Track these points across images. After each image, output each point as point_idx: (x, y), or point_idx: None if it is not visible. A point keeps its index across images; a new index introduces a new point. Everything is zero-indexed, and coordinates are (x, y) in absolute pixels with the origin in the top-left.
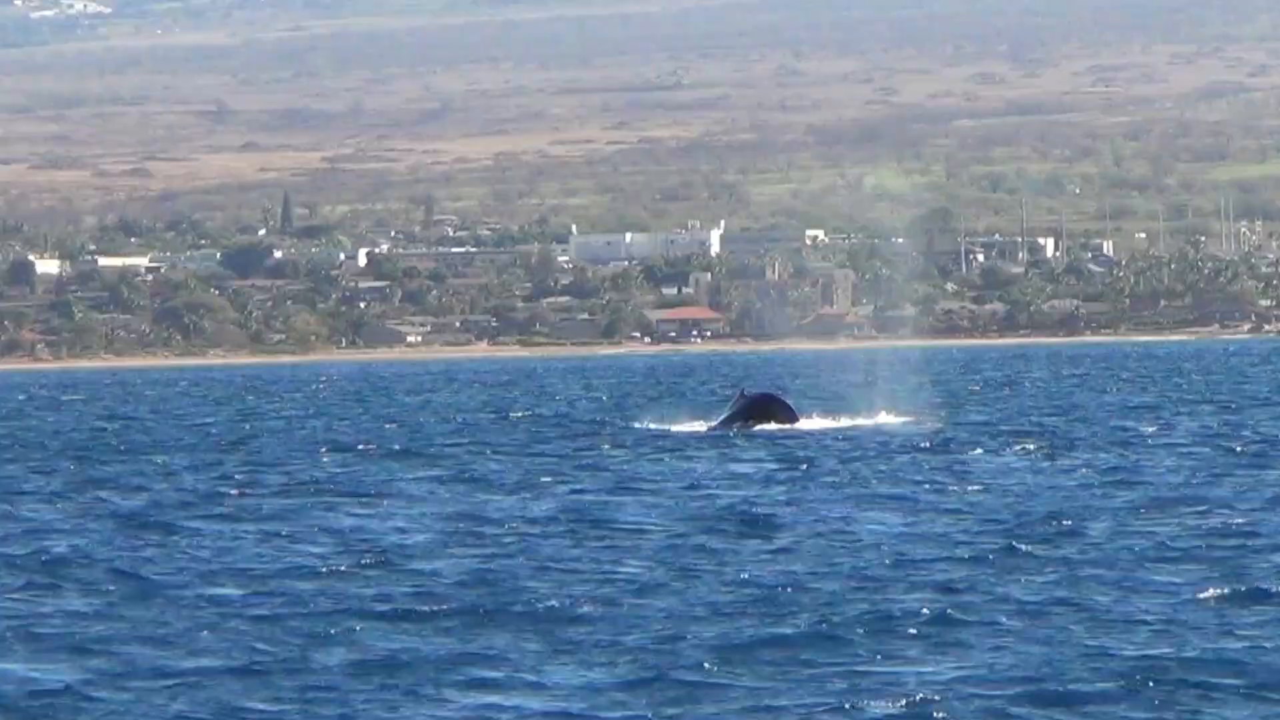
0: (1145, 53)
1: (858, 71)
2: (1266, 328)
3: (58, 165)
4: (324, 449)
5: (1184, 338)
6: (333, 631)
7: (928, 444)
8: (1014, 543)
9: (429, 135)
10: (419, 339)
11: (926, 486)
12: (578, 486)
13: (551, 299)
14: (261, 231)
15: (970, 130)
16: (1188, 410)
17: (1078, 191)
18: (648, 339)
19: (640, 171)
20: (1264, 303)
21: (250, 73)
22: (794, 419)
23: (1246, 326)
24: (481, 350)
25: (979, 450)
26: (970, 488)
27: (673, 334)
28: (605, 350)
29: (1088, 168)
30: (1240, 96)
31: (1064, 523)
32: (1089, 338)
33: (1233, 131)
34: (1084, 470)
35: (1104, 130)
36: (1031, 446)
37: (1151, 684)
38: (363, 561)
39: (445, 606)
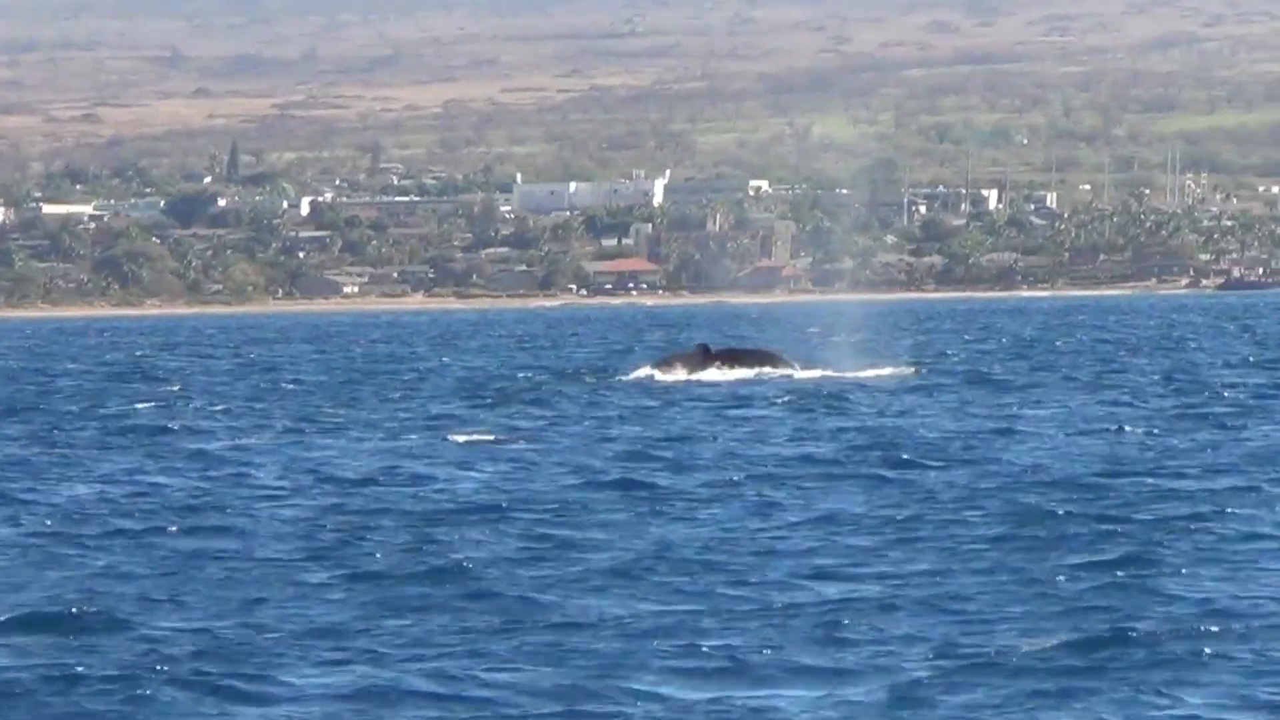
0: (1100, 2)
1: (811, 20)
2: (1204, 282)
3: (7, 110)
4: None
5: (1120, 292)
6: None
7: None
8: None
9: (380, 82)
10: (356, 290)
11: None
12: None
13: (490, 250)
14: (207, 179)
15: (920, 80)
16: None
17: (1024, 142)
18: (584, 291)
19: (589, 120)
20: (1204, 257)
21: (204, 18)
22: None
23: (1184, 281)
24: (417, 302)
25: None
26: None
27: (609, 286)
28: (540, 303)
29: (1036, 118)
30: (1194, 46)
31: None
32: (1024, 293)
33: (1184, 82)
34: None
35: (1055, 81)
36: None
37: None
38: None
39: None
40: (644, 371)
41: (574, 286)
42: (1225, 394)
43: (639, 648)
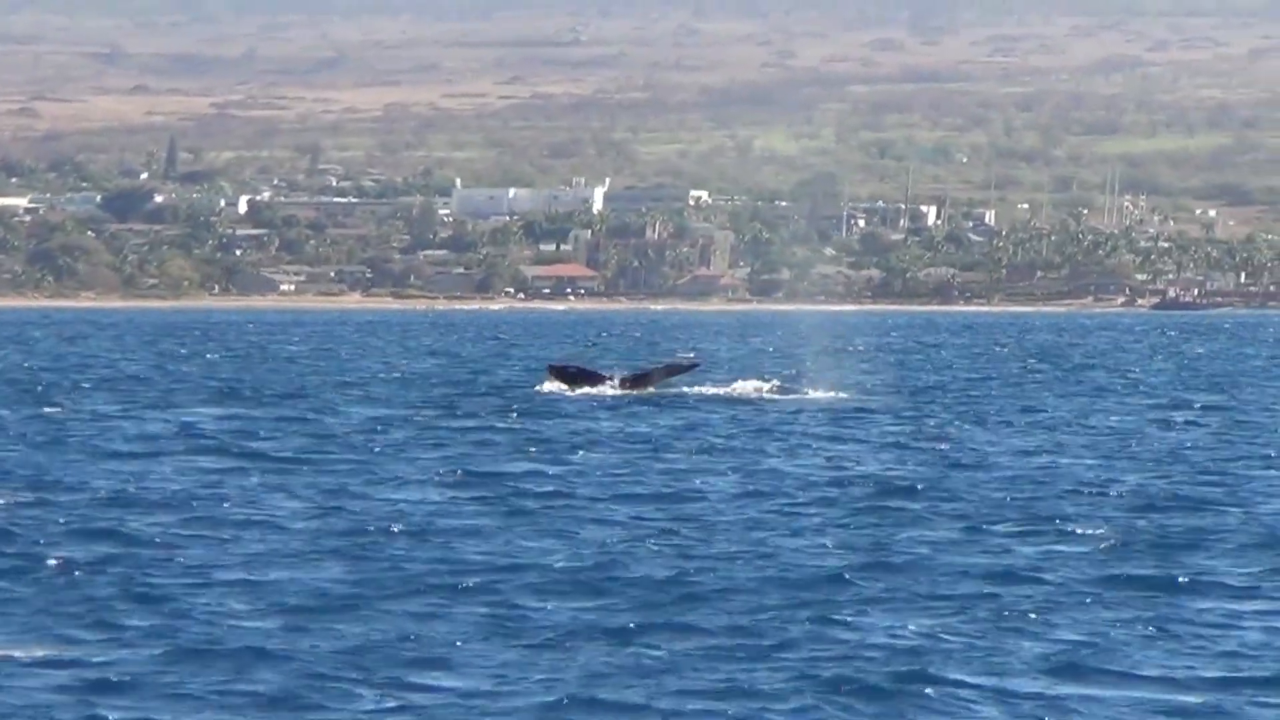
0: (1046, 24)
1: (757, 34)
2: (1140, 301)
3: None
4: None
5: (1056, 309)
6: None
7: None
8: None
9: (321, 84)
10: (292, 288)
11: None
12: None
13: (428, 252)
14: (144, 175)
15: (863, 96)
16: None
17: (965, 160)
18: (522, 295)
19: (530, 127)
20: (1140, 277)
21: (146, 15)
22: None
23: (1120, 300)
24: (354, 301)
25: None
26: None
27: (547, 290)
28: (476, 305)
29: (978, 137)
30: (1136, 70)
31: None
32: (961, 307)
33: (1126, 105)
34: None
35: (997, 100)
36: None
37: None
38: None
39: None
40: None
41: (511, 290)
42: None
43: None
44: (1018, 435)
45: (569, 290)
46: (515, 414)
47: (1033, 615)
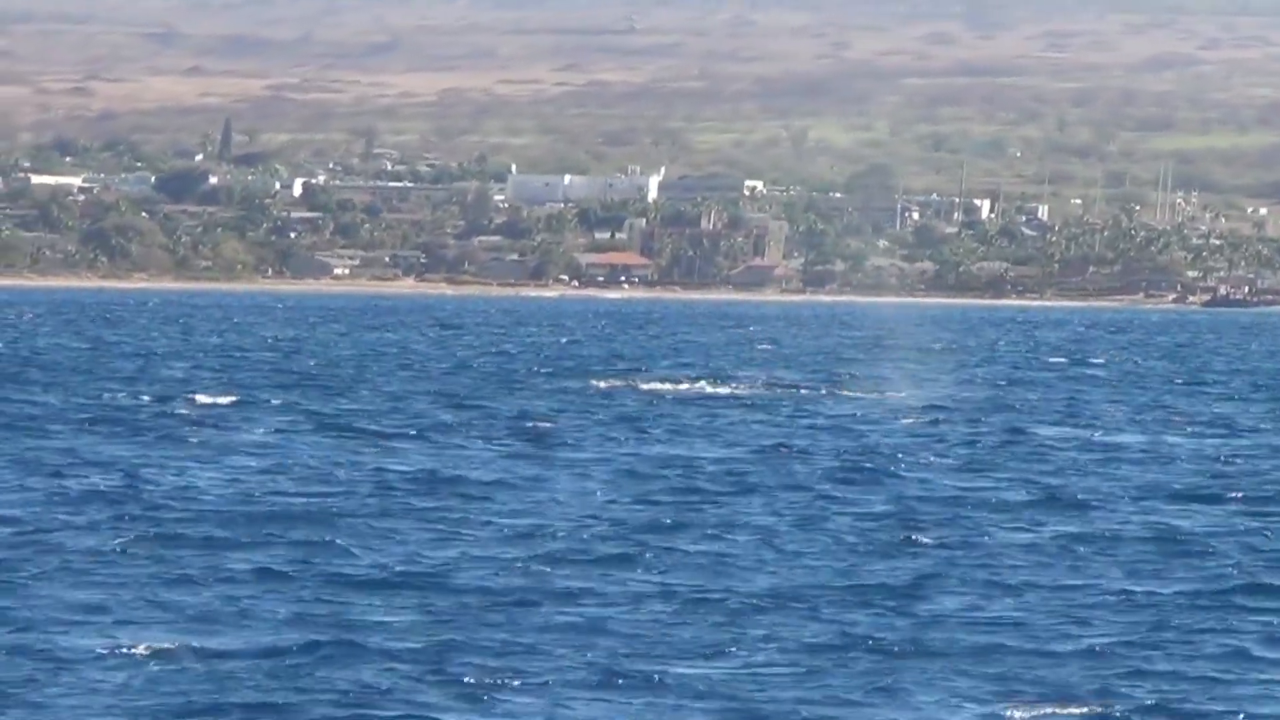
0: (1099, 20)
1: (812, 25)
2: (1191, 299)
3: None
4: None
5: (1108, 304)
6: None
7: None
8: None
9: (376, 68)
10: (346, 272)
11: None
12: None
13: (483, 238)
14: (199, 157)
15: (918, 89)
16: None
17: (1019, 155)
18: (575, 282)
19: (585, 114)
20: (1191, 274)
21: None
22: None
23: (1171, 296)
24: (408, 286)
25: None
26: None
27: (600, 278)
28: (531, 292)
29: (1031, 132)
30: (1189, 69)
31: None
32: (1014, 301)
33: (1178, 103)
34: None
35: (1051, 95)
36: None
37: None
38: None
39: None
40: None
41: (565, 277)
42: None
43: None
44: None
45: (623, 278)
46: None
47: None
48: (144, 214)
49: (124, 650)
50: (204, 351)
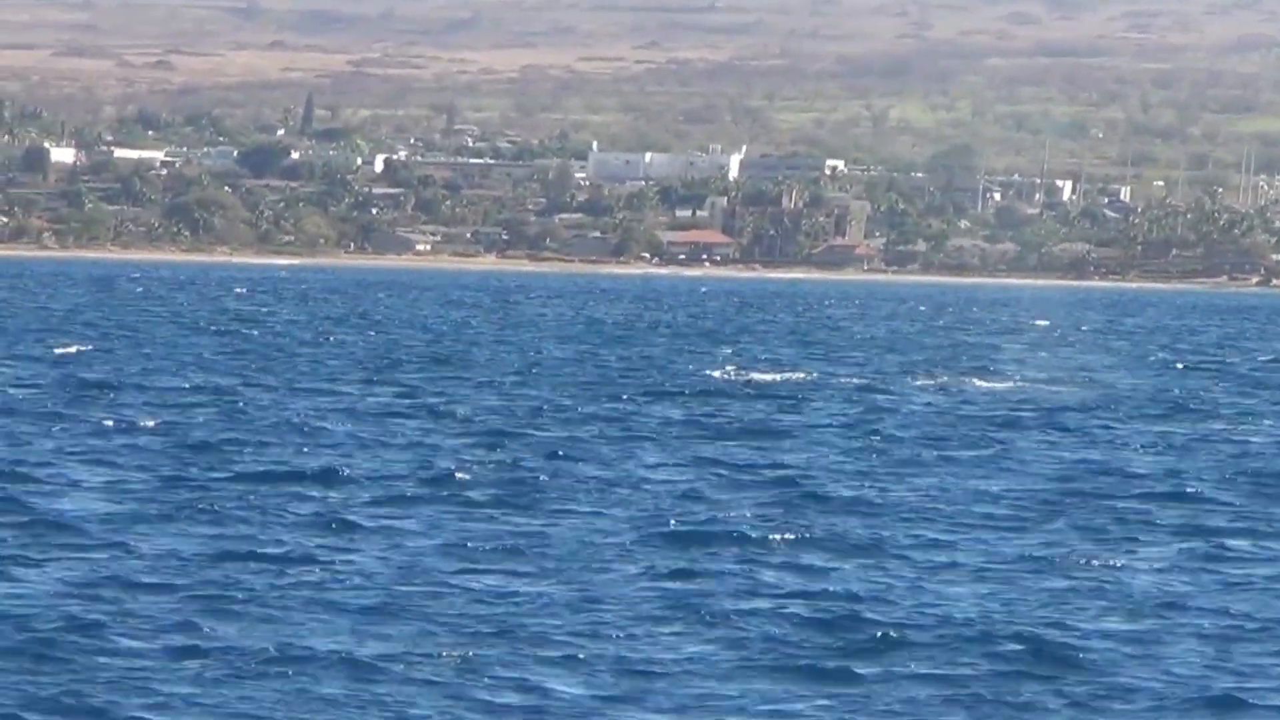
0: (1182, 1)
1: (893, 4)
2: (1275, 281)
3: (81, 53)
4: None
5: (1191, 287)
6: None
7: None
8: None
9: (457, 44)
10: (428, 247)
11: None
12: None
13: (564, 215)
14: (281, 131)
15: (1000, 69)
16: None
17: (1101, 136)
18: (656, 260)
19: (666, 92)
20: (1276, 257)
21: None
22: None
23: (1255, 279)
24: (489, 262)
25: None
26: None
27: (682, 256)
28: (612, 269)
29: (1114, 113)
30: (1273, 51)
31: None
32: (1097, 283)
33: (1262, 85)
34: None
35: (1133, 76)
36: None
37: None
38: None
39: None
40: None
41: (647, 255)
42: None
43: None
44: None
45: (704, 257)
46: None
47: None
48: (226, 188)
49: None
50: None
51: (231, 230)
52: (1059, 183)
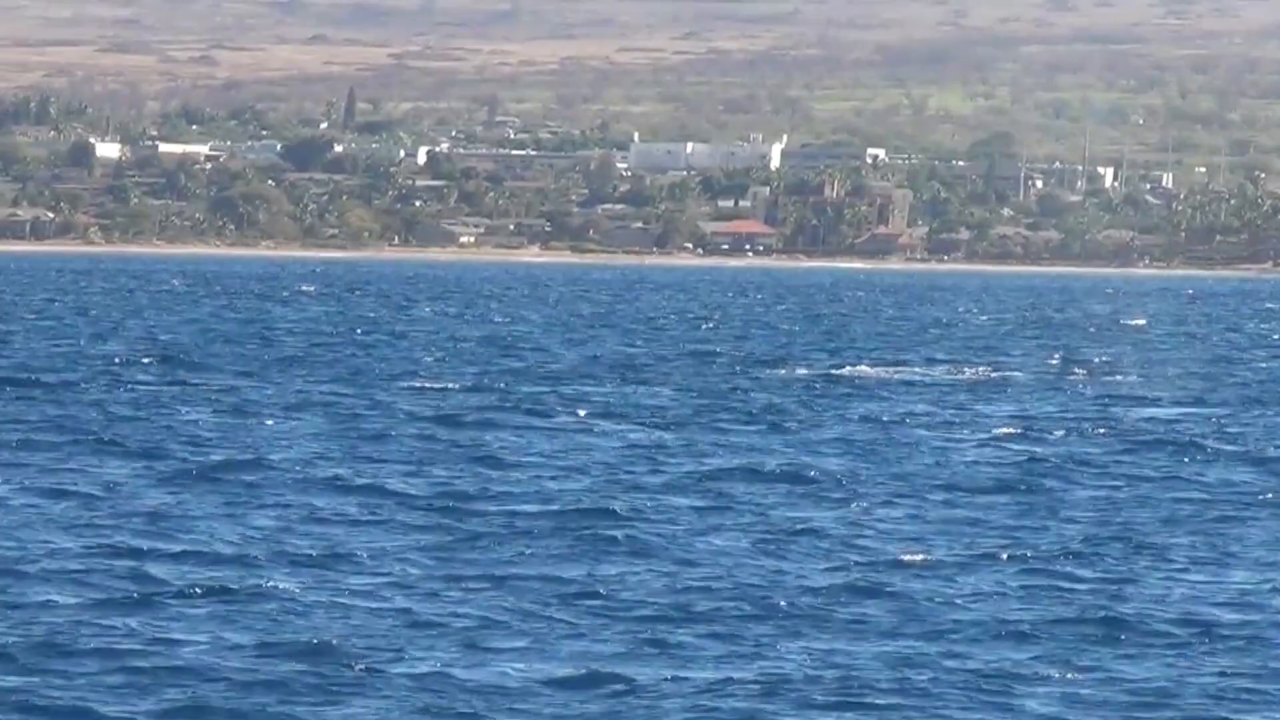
0: None
1: None
2: None
3: (125, 49)
4: None
5: (1237, 274)
6: None
7: None
8: None
9: (497, 36)
10: (472, 240)
11: None
12: None
13: (607, 206)
14: (323, 125)
15: (1037, 56)
16: None
17: (1141, 122)
18: (700, 250)
19: (705, 82)
20: None
21: None
22: None
23: None
24: (533, 254)
25: None
26: None
27: (725, 247)
28: (656, 260)
29: (1153, 99)
30: None
31: None
32: (1142, 270)
33: None
34: None
35: (1172, 62)
36: None
37: None
38: None
39: None
40: None
41: (690, 246)
42: None
43: None
44: None
45: (747, 247)
46: None
47: None
48: (270, 182)
49: None
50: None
51: (276, 224)
52: (1100, 169)
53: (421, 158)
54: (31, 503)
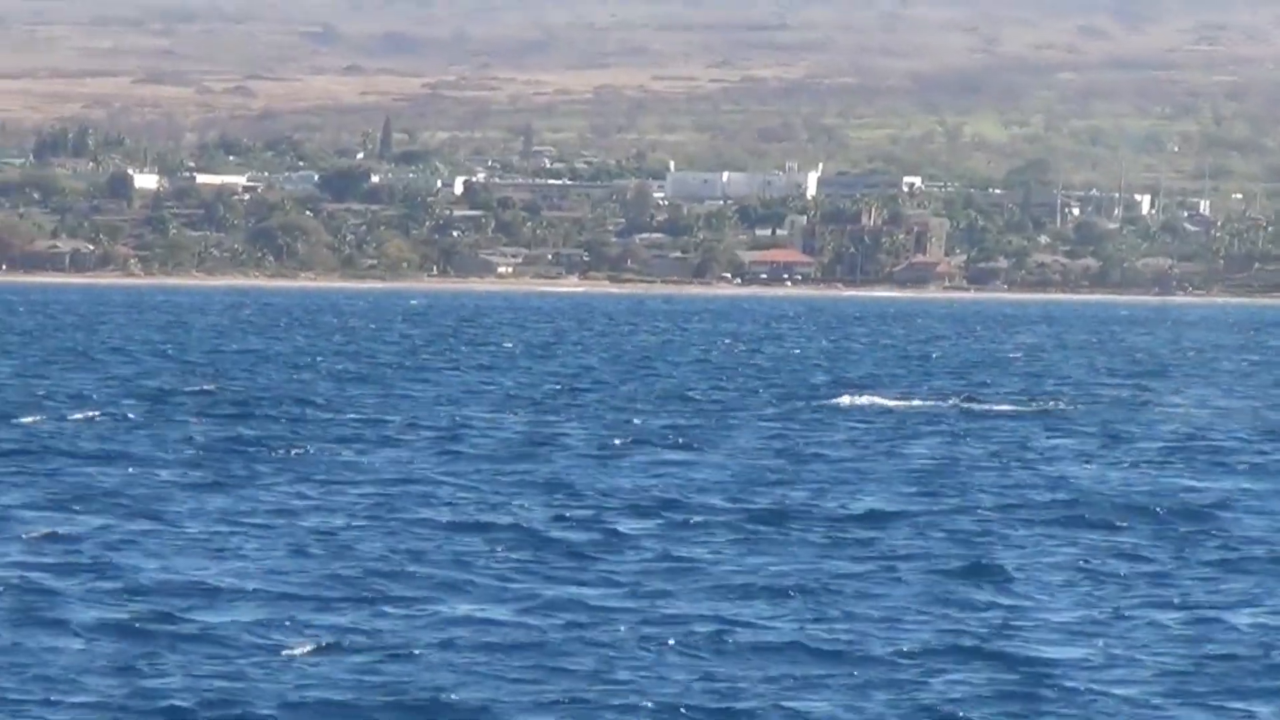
0: (1251, 12)
1: (962, 20)
2: None
3: (161, 80)
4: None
5: (1275, 302)
6: None
7: None
8: None
9: (531, 65)
10: (510, 270)
11: None
12: None
13: (644, 235)
14: (360, 155)
15: (1071, 83)
16: None
17: (1176, 149)
18: (738, 280)
19: (740, 110)
20: None
21: None
22: None
23: None
24: (571, 285)
25: None
26: None
27: (764, 276)
28: (695, 290)
29: (1188, 126)
30: None
31: None
32: (1181, 298)
33: None
34: None
35: (1205, 89)
36: None
37: None
38: None
39: None
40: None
41: (728, 275)
42: None
43: None
44: None
45: (785, 276)
46: None
47: None
48: (308, 212)
49: None
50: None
51: (315, 255)
52: (1136, 196)
53: (458, 188)
54: None
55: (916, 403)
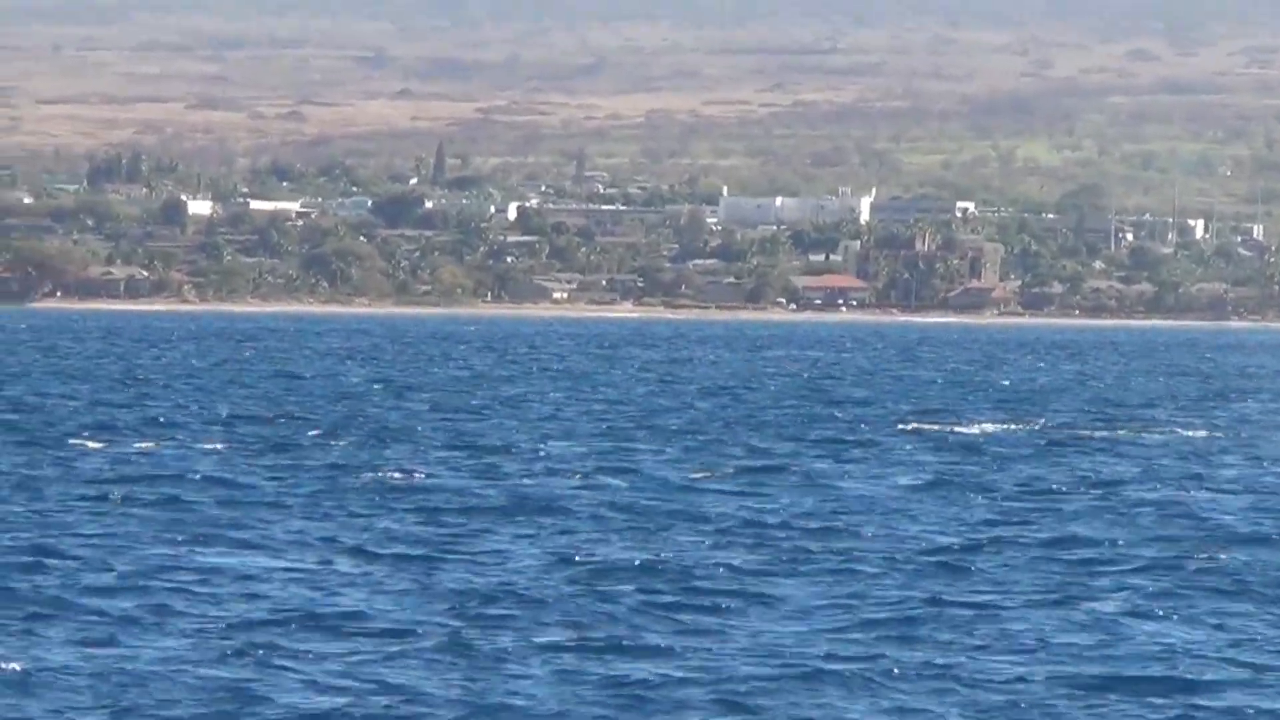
0: None
1: (1012, 43)
2: None
3: (213, 106)
4: None
5: None
6: None
7: None
8: None
9: (583, 90)
10: (565, 296)
11: None
12: None
13: (698, 261)
14: (413, 180)
15: (1122, 107)
16: None
17: (1229, 173)
18: (793, 305)
19: (792, 135)
20: None
21: (409, 19)
22: None
23: None
24: (626, 310)
25: None
26: None
27: (818, 301)
28: (749, 315)
29: (1240, 149)
30: None
31: None
32: (1236, 323)
33: None
34: None
35: (1256, 112)
36: None
37: None
38: None
39: None
40: None
41: (783, 300)
42: None
43: None
44: None
45: (840, 301)
46: None
47: None
48: (362, 238)
49: None
50: None
51: (369, 280)
52: (1190, 221)
53: (512, 213)
54: None
55: None
